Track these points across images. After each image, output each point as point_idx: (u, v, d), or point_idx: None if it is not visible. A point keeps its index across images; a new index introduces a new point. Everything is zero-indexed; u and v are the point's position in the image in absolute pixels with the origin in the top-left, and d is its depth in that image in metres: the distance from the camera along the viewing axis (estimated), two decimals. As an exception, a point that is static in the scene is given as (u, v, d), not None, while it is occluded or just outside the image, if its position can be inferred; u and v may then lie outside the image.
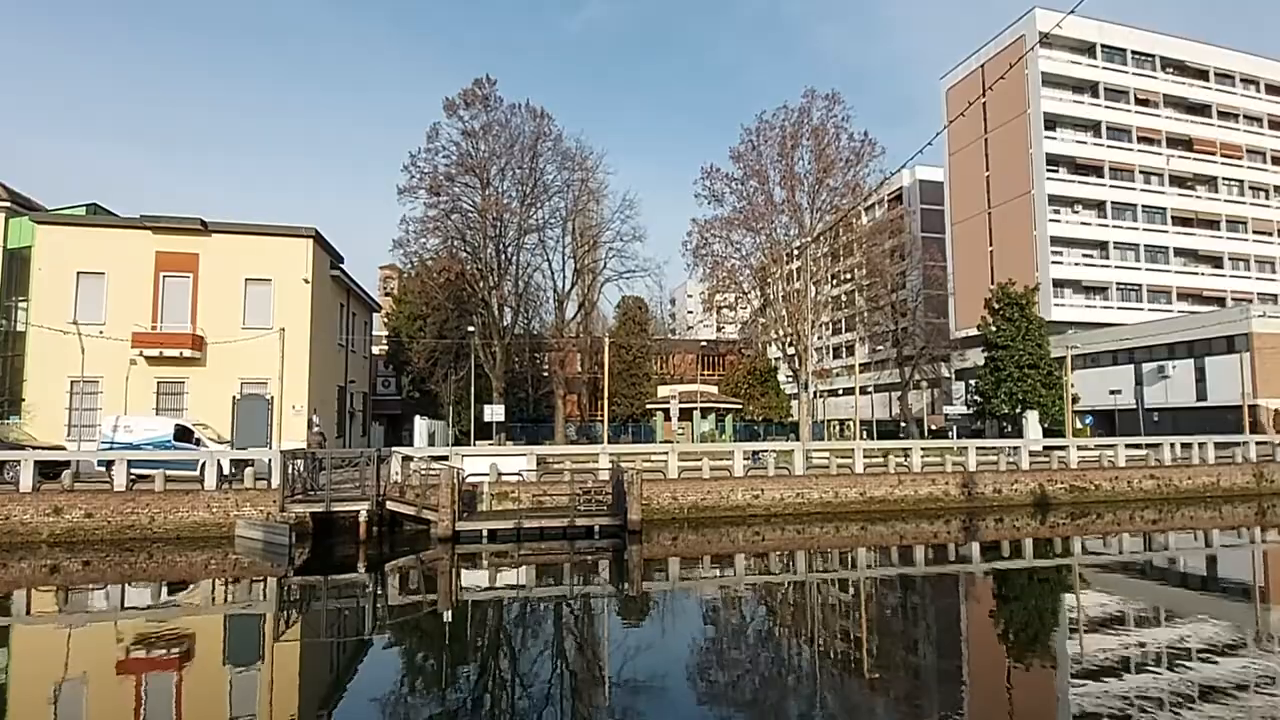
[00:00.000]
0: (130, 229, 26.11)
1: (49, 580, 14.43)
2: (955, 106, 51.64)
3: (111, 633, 11.42)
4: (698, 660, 9.73)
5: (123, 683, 9.15)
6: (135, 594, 13.81)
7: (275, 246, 26.88)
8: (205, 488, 18.16)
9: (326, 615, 12.70)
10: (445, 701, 8.29)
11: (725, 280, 37.24)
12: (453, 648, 10.60)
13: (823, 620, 11.80)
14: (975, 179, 52.41)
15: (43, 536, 16.83)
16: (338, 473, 18.79)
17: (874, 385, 54.54)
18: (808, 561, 16.59)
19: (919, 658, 10.00)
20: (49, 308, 24.61)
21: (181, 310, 25.83)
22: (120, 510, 17.40)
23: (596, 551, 16.79)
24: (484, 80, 35.69)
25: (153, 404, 24.76)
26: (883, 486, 22.36)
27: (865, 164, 35.14)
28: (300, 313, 26.75)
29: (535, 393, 45.94)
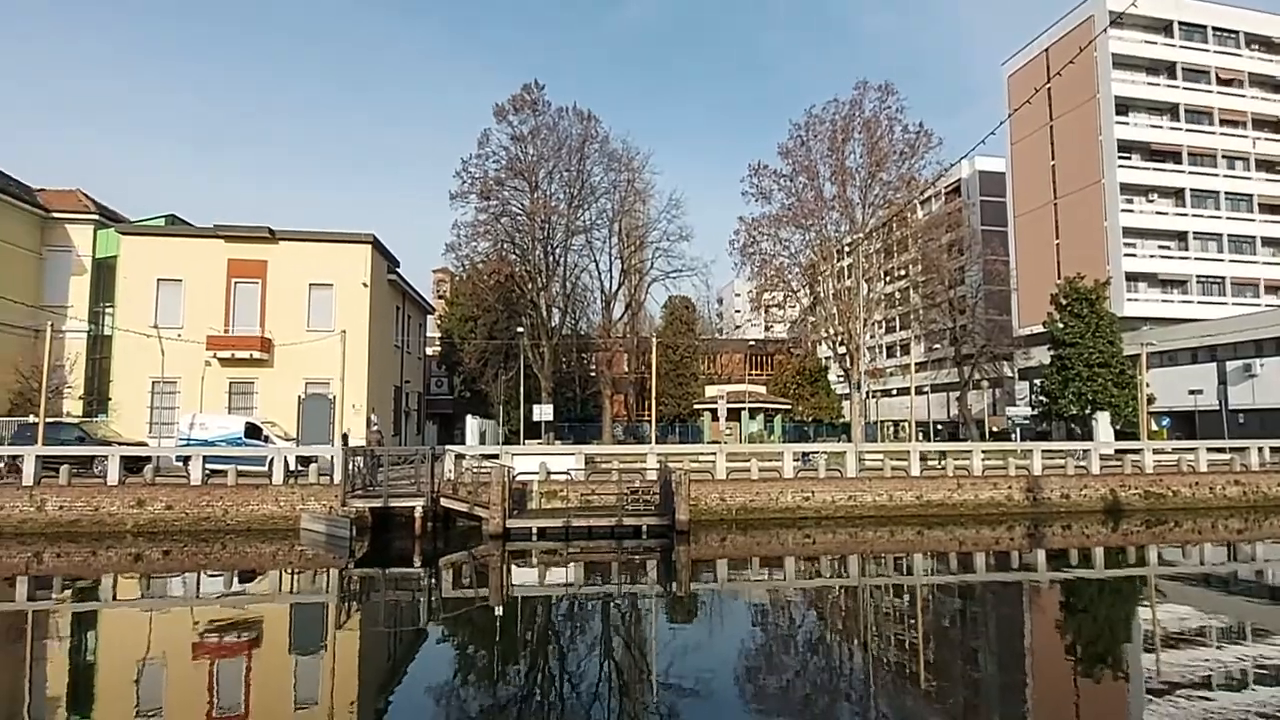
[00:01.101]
0: (205, 238, 27.69)
1: (133, 568, 15.42)
2: (1018, 93, 49.48)
3: (188, 618, 12.13)
4: (746, 664, 9.63)
5: (198, 665, 9.70)
6: (209, 582, 14.62)
7: (336, 252, 28.03)
8: (273, 482, 19.09)
9: (384, 606, 13.15)
10: (496, 695, 8.46)
11: (773, 279, 36.68)
12: (504, 642, 10.81)
13: (876, 627, 11.50)
14: (1040, 168, 50.10)
15: (127, 527, 18.00)
16: (394, 470, 19.46)
17: (930, 385, 52.82)
18: (860, 566, 16.19)
19: (978, 669, 9.63)
20: (132, 313, 26.34)
21: (251, 314, 27.22)
22: (197, 503, 18.45)
23: (644, 551, 16.83)
24: (532, 85, 36.31)
25: (225, 403, 26.18)
26: (940, 490, 21.64)
27: (920, 156, 34.03)
28: (359, 316, 27.80)
29: (583, 393, 46.39)
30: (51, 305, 28.01)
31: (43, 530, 17.69)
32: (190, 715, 7.80)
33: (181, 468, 19.97)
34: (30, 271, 28.49)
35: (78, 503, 18.07)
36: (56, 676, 9.35)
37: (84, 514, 18.00)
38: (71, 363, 27.50)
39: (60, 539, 17.34)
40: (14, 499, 17.90)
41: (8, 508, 17.81)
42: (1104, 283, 37.69)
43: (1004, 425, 46.02)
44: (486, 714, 7.80)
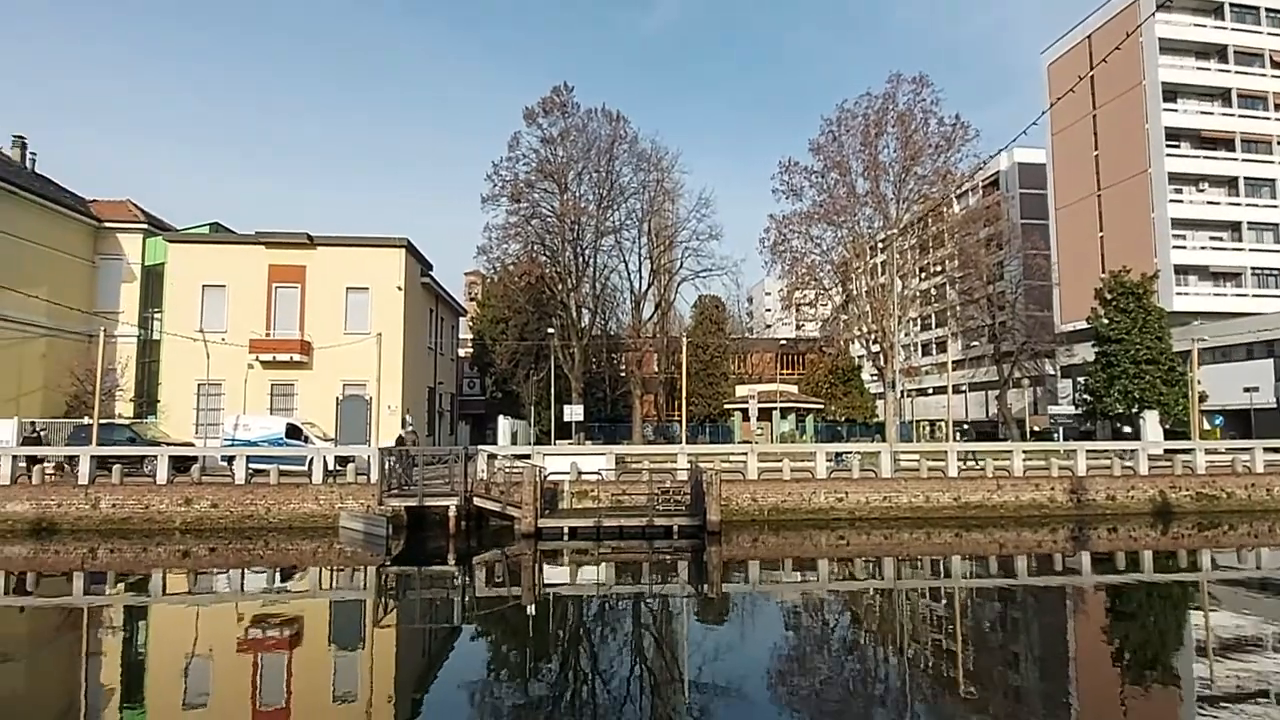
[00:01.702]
0: (247, 244, 28.55)
1: (181, 564, 15.98)
2: (1059, 82, 47.97)
3: (233, 613, 12.52)
4: (778, 666, 9.53)
5: (242, 659, 10.00)
6: (253, 579, 15.08)
7: (371, 256, 28.63)
8: (313, 482, 19.59)
9: (420, 604, 13.39)
10: (529, 693, 8.54)
11: (805, 277, 36.23)
12: (536, 640, 10.90)
13: (912, 631, 11.26)
14: (1082, 159, 48.51)
15: (176, 524, 18.67)
16: (429, 469, 19.78)
17: (968, 384, 51.60)
18: (896, 568, 15.89)
19: (1020, 675, 9.36)
20: (179, 318, 27.31)
21: (291, 318, 27.98)
22: (241, 501, 19.04)
23: (675, 551, 16.79)
24: (562, 88, 36.55)
25: (267, 404, 26.95)
26: (979, 491, 21.11)
27: (957, 149, 33.22)
28: (394, 318, 28.34)
29: (613, 393, 46.52)
30: (104, 311, 29.18)
31: (97, 527, 18.46)
32: (235, 708, 8.04)
33: (226, 467, 20.62)
34: (84, 279, 29.77)
35: (129, 501, 18.81)
36: (110, 668, 9.75)
37: (135, 512, 18.73)
38: (123, 366, 28.65)
39: (113, 536, 18.07)
40: (71, 497, 18.72)
41: (65, 505, 18.63)
42: (1151, 276, 36.31)
43: (1046, 425, 44.66)
44: (519, 711, 7.87)
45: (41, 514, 18.44)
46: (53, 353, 27.63)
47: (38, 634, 11.44)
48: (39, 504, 18.55)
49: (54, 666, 9.91)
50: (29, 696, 8.70)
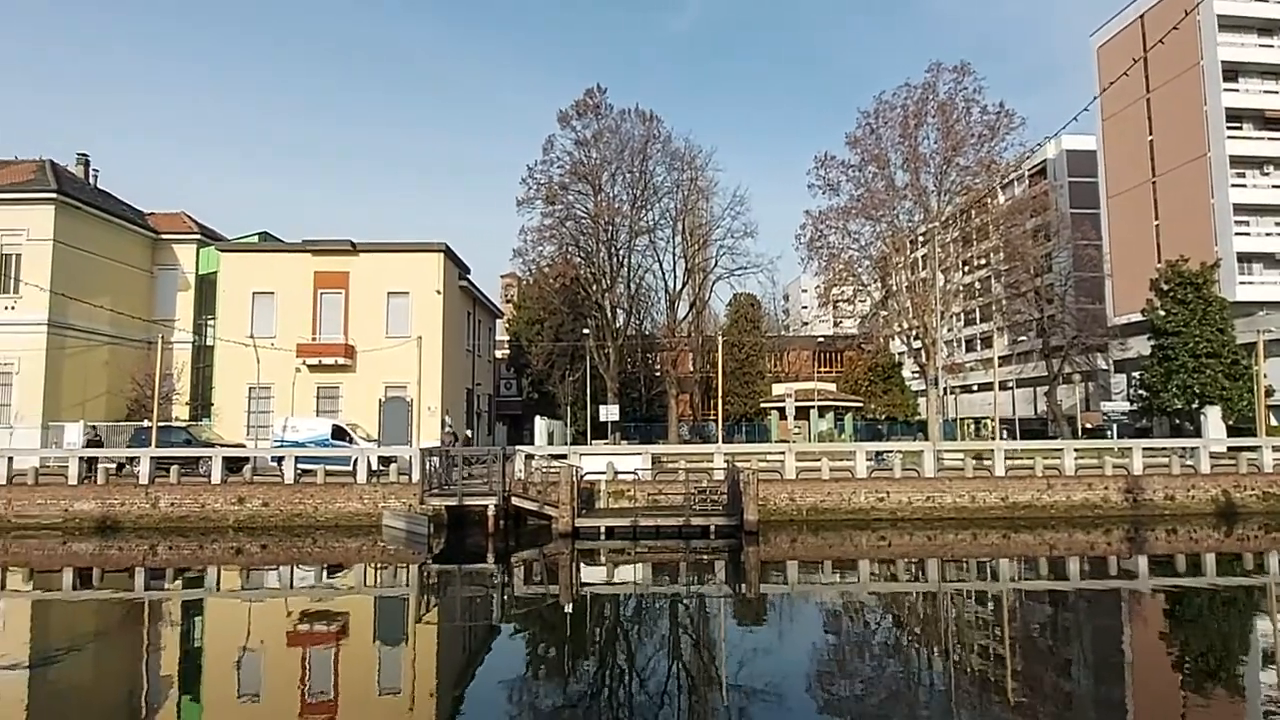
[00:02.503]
0: (294, 252, 29.50)
1: (234, 560, 16.62)
2: (1109, 65, 46.03)
3: (283, 608, 12.97)
4: (818, 669, 9.39)
5: (291, 652, 10.35)
6: (301, 575, 15.59)
7: (411, 261, 29.25)
8: (357, 481, 20.14)
9: (460, 601, 13.63)
10: (567, 691, 8.60)
11: (842, 273, 35.64)
12: (574, 639, 10.98)
13: (957, 635, 10.96)
14: (1136, 144, 46.45)
15: (229, 522, 19.42)
16: (468, 469, 20.12)
17: (1015, 380, 49.94)
18: (940, 570, 15.48)
19: (1072, 681, 9.02)
20: (231, 324, 28.38)
21: (336, 323, 28.80)
22: (290, 500, 19.70)
23: (712, 551, 16.71)
24: (595, 90, 36.78)
25: (313, 406, 27.77)
26: (1028, 491, 20.44)
27: (1001, 138, 32.23)
28: (433, 321, 28.91)
29: (648, 393, 46.56)
30: (161, 319, 30.57)
31: (157, 525, 19.33)
32: (285, 699, 8.32)
33: (276, 468, 21.34)
34: (143, 289, 31.22)
35: (186, 500, 19.65)
36: (169, 659, 10.20)
37: (192, 510, 19.56)
38: (179, 371, 29.94)
39: (172, 533, 18.90)
40: (132, 496, 19.66)
41: (127, 504, 19.57)
42: (1212, 265, 34.51)
43: (1099, 422, 42.92)
44: (558, 709, 7.94)
45: (106, 512, 19.41)
46: (115, 359, 29.04)
47: (103, 626, 12.04)
48: (104, 503, 19.53)
49: (118, 657, 10.42)
50: (96, 685, 9.18)
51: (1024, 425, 46.76)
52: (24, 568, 16.05)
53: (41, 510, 19.41)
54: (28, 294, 25.97)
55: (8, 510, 19.41)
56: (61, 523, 19.24)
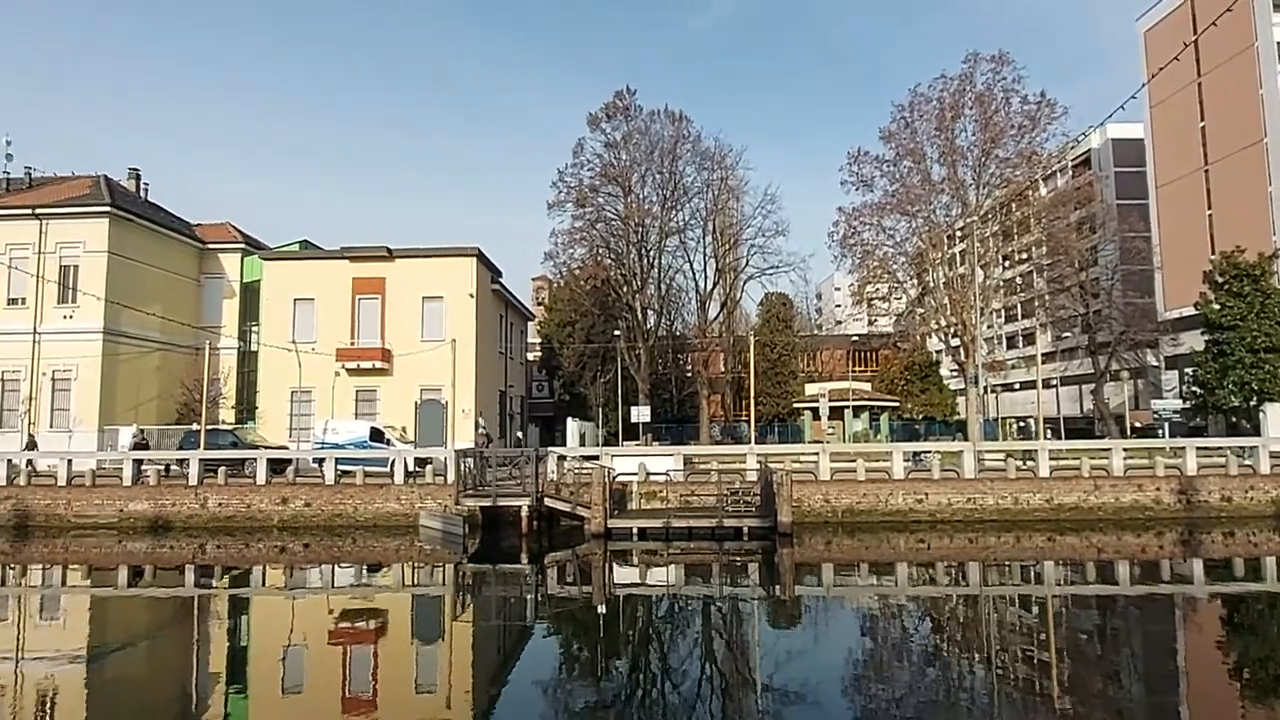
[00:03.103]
0: (332, 260, 30.27)
1: (278, 559, 17.11)
2: (1157, 50, 44.30)
3: (324, 605, 13.30)
4: (854, 673, 9.22)
5: (333, 649, 10.60)
6: (342, 573, 15.97)
7: (445, 266, 29.75)
8: (395, 482, 20.54)
9: (495, 601, 13.79)
10: (600, 691, 8.62)
11: (877, 270, 34.98)
12: (607, 640, 11.00)
13: (1000, 640, 10.65)
14: (1186, 131, 44.58)
15: (273, 522, 20.00)
16: (501, 470, 20.35)
17: (1059, 378, 48.36)
18: (981, 574, 15.07)
19: (1121, 690, 8.67)
20: (274, 330, 29.26)
21: (373, 327, 29.46)
22: (331, 500, 20.20)
23: (745, 553, 16.57)
24: (624, 92, 36.93)
25: (352, 409, 28.44)
26: (1074, 492, 19.76)
27: (1042, 128, 31.18)
28: (467, 325, 29.34)
29: (679, 393, 46.44)
30: (208, 326, 31.69)
31: (205, 525, 20.02)
32: (327, 694, 8.53)
33: (317, 469, 21.91)
34: (191, 297, 32.41)
35: (233, 500, 20.31)
36: (218, 654, 10.55)
37: (238, 510, 20.20)
38: (225, 376, 31.00)
39: (219, 532, 19.56)
40: (182, 497, 20.40)
41: (178, 504, 20.32)
42: (1270, 255, 32.91)
43: (1149, 420, 41.25)
44: (591, 710, 7.95)
45: (158, 512, 20.18)
46: (165, 365, 30.21)
47: (156, 622, 12.52)
48: (156, 503, 20.31)
49: (170, 651, 10.82)
50: (149, 677, 9.55)
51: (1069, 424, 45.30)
52: (83, 565, 16.80)
53: (99, 510, 20.29)
54: (85, 303, 27.21)
55: (68, 510, 20.34)
56: (117, 522, 20.08)
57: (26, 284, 27.50)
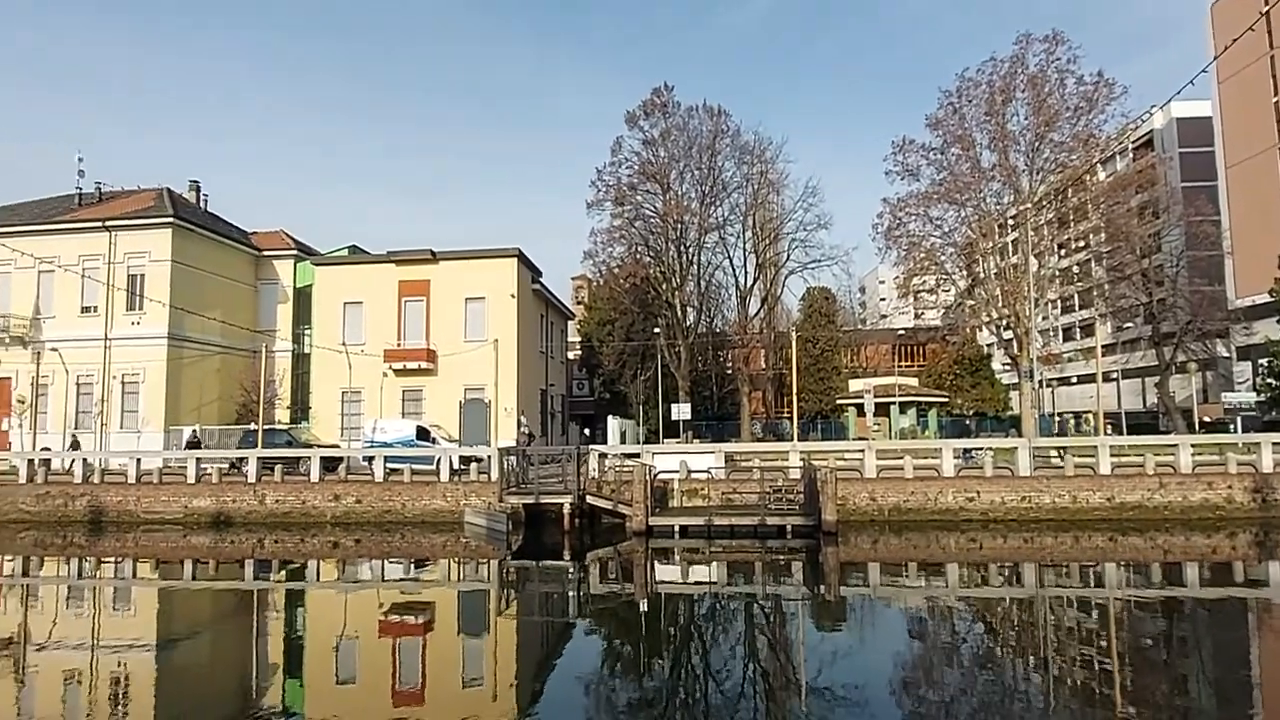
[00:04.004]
0: (380, 264, 31.14)
1: (332, 553, 17.69)
2: (1224, 23, 41.77)
3: (375, 599, 13.68)
4: (902, 675, 8.99)
5: (383, 641, 10.91)
6: (391, 568, 16.41)
7: (486, 267, 30.26)
8: (441, 480, 21.00)
9: (538, 597, 13.96)
10: (642, 688, 8.63)
11: (924, 262, 34.01)
12: (649, 637, 11.00)
13: (1057, 644, 10.22)
14: (1258, 108, 41.94)
15: (327, 518, 20.70)
16: (543, 468, 20.59)
17: (1121, 370, 46.21)
18: (1037, 575, 14.50)
19: (1190, 699, 8.21)
20: (325, 332, 30.27)
21: (418, 328, 30.19)
22: (381, 497, 20.78)
23: (789, 552, 16.35)
24: (662, 88, 36.85)
25: (399, 409, 29.21)
26: (1138, 490, 18.83)
27: (1100, 109, 29.82)
28: (508, 325, 29.78)
29: (720, 390, 46.16)
30: (264, 330, 33.00)
31: (263, 520, 20.85)
32: (378, 685, 8.79)
33: (367, 467, 22.57)
34: (248, 302, 33.80)
35: (289, 497, 21.10)
36: (275, 645, 10.98)
37: (294, 506, 20.98)
38: (280, 378, 32.22)
39: (276, 528, 20.34)
40: (242, 494, 21.30)
41: (238, 501, 21.22)
42: (1357, 237, 30.70)
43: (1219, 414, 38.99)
44: (634, 706, 7.97)
45: (220, 508, 21.12)
46: (225, 368, 31.59)
47: (218, 613, 13.10)
48: (218, 500, 21.26)
49: (231, 641, 11.33)
50: (212, 665, 10.01)
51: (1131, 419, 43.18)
52: (151, 558, 17.70)
53: (165, 506, 21.36)
54: (151, 310, 28.65)
55: (137, 506, 21.48)
56: (182, 518, 21.09)
57: (98, 292, 29.16)
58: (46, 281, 29.38)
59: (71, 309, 29.48)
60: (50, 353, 29.17)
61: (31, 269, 28.68)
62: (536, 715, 7.79)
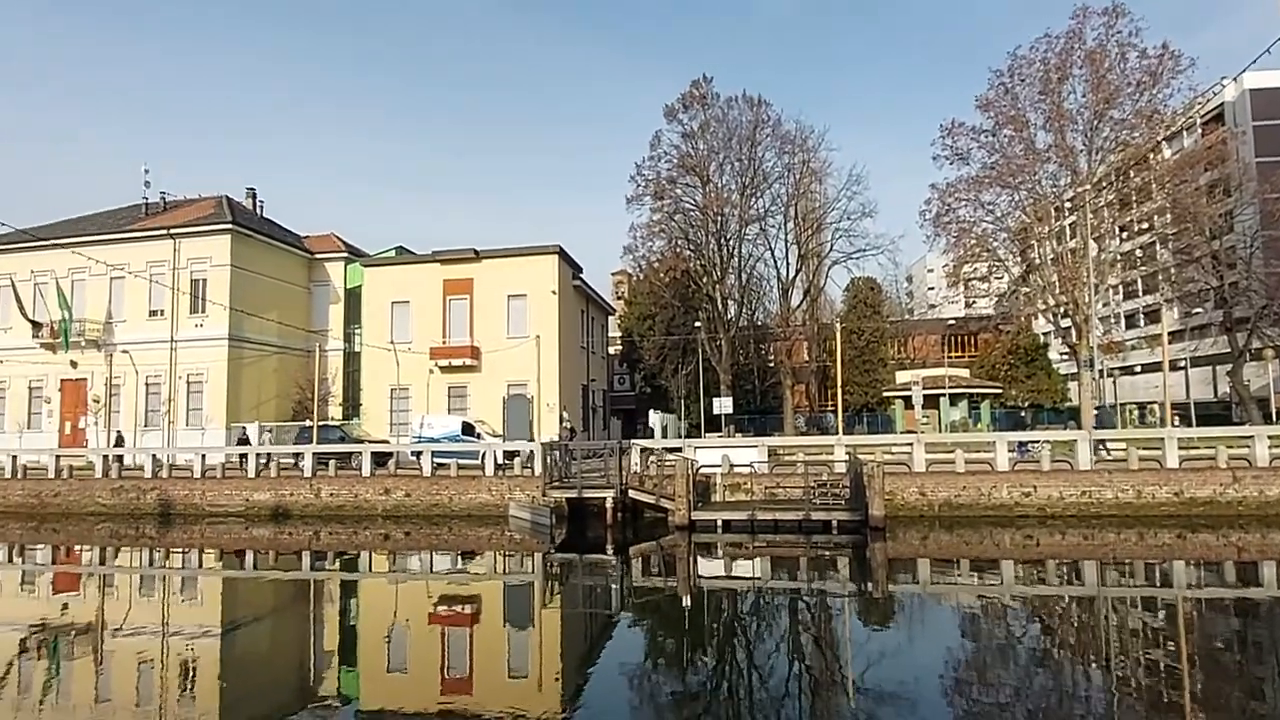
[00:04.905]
0: (425, 263, 31.85)
1: (383, 545, 18.24)
2: (1304, -15, 38.91)
3: (424, 590, 14.04)
4: (955, 675, 8.72)
5: (432, 631, 11.18)
6: (439, 560, 16.81)
7: (528, 265, 30.61)
8: (485, 474, 21.38)
9: (582, 590, 14.08)
10: (685, 682, 8.61)
11: (975, 248, 32.87)
12: (692, 632, 10.98)
13: (1120, 645, 9.76)
14: (1344, 75, 38.98)
15: (378, 511, 21.33)
16: (586, 463, 20.73)
17: (1189, 358, 43.78)
18: (1099, 574, 13.87)
19: (1266, 704, 7.72)
20: (374, 331, 31.17)
21: (462, 326, 30.79)
22: (429, 491, 21.30)
23: (835, 547, 16.07)
24: (700, 80, 36.58)
25: (445, 405, 29.87)
26: (1209, 485, 17.82)
27: (1165, 84, 28.24)
28: (550, 321, 30.08)
29: (762, 384, 45.66)
30: (317, 330, 34.16)
31: (319, 513, 21.63)
32: (428, 674, 9.02)
33: (415, 461, 23.16)
34: (302, 303, 35.04)
35: (342, 491, 21.82)
36: (330, 633, 11.39)
37: (347, 500, 21.69)
38: (333, 376, 33.34)
39: (331, 520, 21.08)
40: (298, 487, 22.13)
41: (295, 494, 22.06)
42: None
43: (1301, 404, 36.48)
44: (677, 701, 7.96)
45: (278, 502, 22.00)
46: (282, 367, 32.85)
47: (278, 602, 13.66)
48: (276, 493, 22.15)
49: (289, 629, 11.79)
50: (272, 651, 10.45)
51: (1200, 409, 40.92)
52: (215, 549, 18.57)
53: (228, 500, 22.37)
54: (212, 313, 30.00)
55: (202, 500, 22.56)
56: (244, 510, 22.06)
57: (164, 297, 30.67)
58: (117, 287, 31.06)
59: (140, 313, 31.10)
60: (121, 354, 30.86)
61: (104, 276, 30.39)
62: (581, 707, 7.85)
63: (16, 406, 31.72)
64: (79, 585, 15.05)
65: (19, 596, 14.08)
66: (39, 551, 19.04)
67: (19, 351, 31.38)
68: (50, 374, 31.34)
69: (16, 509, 23.54)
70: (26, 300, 31.26)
